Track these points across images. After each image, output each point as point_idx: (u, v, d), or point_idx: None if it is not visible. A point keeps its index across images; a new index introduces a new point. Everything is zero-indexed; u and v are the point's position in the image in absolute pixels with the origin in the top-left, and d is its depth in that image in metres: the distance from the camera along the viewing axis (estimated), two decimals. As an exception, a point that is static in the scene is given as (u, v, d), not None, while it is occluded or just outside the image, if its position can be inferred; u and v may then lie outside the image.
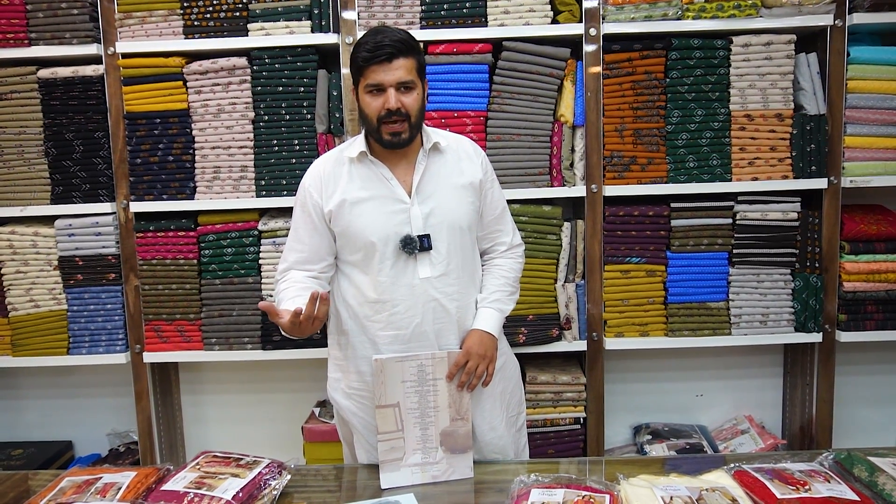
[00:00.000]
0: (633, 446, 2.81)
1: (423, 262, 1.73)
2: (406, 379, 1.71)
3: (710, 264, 2.48)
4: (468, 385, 1.75)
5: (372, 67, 1.63)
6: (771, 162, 2.44)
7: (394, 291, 1.74)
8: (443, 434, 1.73)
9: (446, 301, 1.76)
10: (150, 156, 2.49)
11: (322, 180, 1.76)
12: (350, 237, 1.74)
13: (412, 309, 1.74)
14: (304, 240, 1.78)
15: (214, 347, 2.55)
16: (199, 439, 2.88)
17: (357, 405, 1.84)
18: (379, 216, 1.72)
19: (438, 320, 1.76)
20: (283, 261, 1.83)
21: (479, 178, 1.81)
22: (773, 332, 2.51)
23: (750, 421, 2.78)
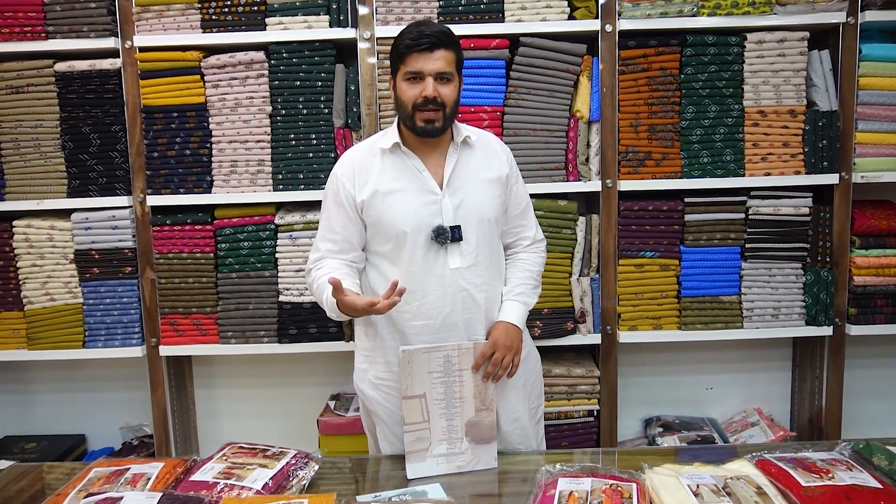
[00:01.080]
0: (645, 439, 2.84)
1: (454, 253, 1.76)
2: (433, 370, 1.73)
3: (722, 258, 2.51)
4: (493, 376, 1.77)
5: (413, 55, 1.67)
6: (783, 157, 2.47)
7: (425, 281, 1.76)
8: (468, 424, 1.75)
9: (475, 291, 1.79)
10: (167, 150, 2.49)
11: (354, 170, 1.77)
12: (382, 227, 1.75)
13: (442, 299, 1.77)
14: (337, 229, 1.79)
15: (231, 341, 2.56)
16: (213, 433, 2.89)
17: (384, 396, 1.86)
18: (411, 206, 1.74)
19: (468, 310, 1.79)
20: (314, 250, 1.84)
21: (506, 172, 1.85)
22: (785, 326, 2.54)
23: (759, 413, 2.81)
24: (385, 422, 1.88)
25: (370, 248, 1.83)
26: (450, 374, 1.74)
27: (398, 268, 1.77)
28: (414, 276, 1.76)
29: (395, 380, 1.81)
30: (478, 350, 1.75)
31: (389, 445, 1.89)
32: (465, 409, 1.75)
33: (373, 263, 1.84)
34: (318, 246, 1.82)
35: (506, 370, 1.80)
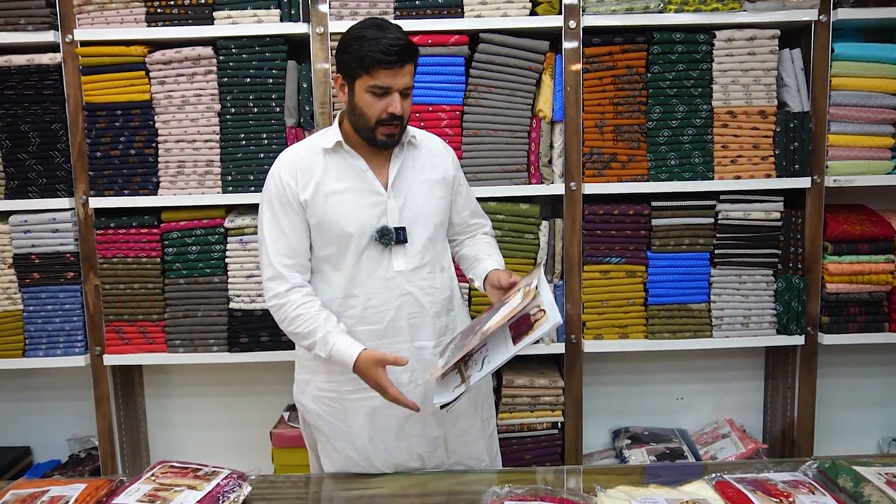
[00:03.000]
0: (613, 451, 2.74)
1: (398, 255, 1.71)
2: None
3: (691, 265, 2.42)
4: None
5: (381, 70, 1.58)
6: (754, 160, 2.38)
7: (367, 285, 1.70)
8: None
9: (420, 295, 1.74)
10: (111, 149, 2.38)
11: (297, 168, 1.68)
12: (325, 228, 1.68)
13: (386, 303, 1.71)
14: (290, 236, 1.68)
15: (179, 349, 2.45)
16: (165, 444, 2.78)
17: (325, 408, 1.76)
18: (355, 207, 1.68)
19: (413, 315, 1.74)
20: (268, 270, 1.68)
21: (452, 174, 1.81)
22: (755, 335, 2.45)
23: (731, 425, 2.72)
24: (327, 436, 1.78)
25: (312, 252, 1.74)
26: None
27: (340, 272, 1.71)
28: (357, 280, 1.70)
29: (338, 391, 1.73)
30: (503, 279, 1.68)
31: (331, 462, 1.79)
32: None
33: (313, 269, 1.75)
34: (272, 262, 1.67)
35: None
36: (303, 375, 1.80)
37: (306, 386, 1.78)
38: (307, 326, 1.65)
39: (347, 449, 1.76)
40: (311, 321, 1.65)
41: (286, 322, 1.69)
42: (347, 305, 1.70)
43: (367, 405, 1.74)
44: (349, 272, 1.69)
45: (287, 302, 1.67)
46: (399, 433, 1.76)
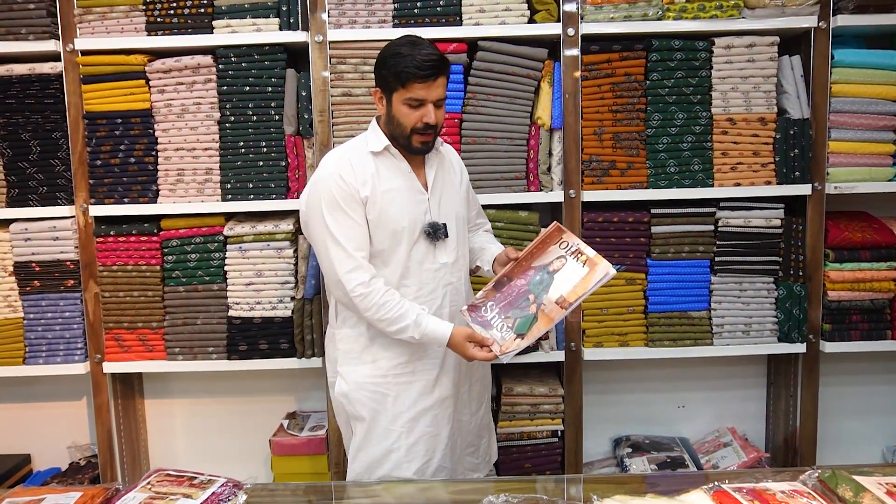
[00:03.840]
0: (613, 459, 2.73)
1: (441, 249, 1.86)
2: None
3: (691, 272, 2.41)
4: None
5: (416, 83, 1.72)
6: (754, 167, 2.37)
7: (419, 275, 1.84)
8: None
9: (459, 285, 1.91)
10: (111, 157, 2.39)
11: (353, 167, 1.78)
12: (382, 223, 1.79)
13: (434, 292, 1.86)
14: (360, 229, 1.78)
15: (178, 357, 2.45)
16: (164, 452, 2.77)
17: (369, 395, 1.86)
18: (406, 204, 1.82)
19: (454, 303, 1.90)
20: (346, 263, 1.77)
21: (466, 177, 2.01)
22: (757, 343, 2.43)
23: (733, 433, 2.70)
24: (366, 426, 1.87)
25: None
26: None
27: (390, 267, 1.82)
28: (409, 271, 1.84)
29: (382, 376, 1.85)
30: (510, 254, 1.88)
31: (359, 464, 1.88)
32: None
33: None
34: (352, 254, 1.77)
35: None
36: (346, 367, 1.89)
37: (351, 375, 1.88)
38: (396, 311, 1.76)
39: (381, 438, 1.85)
40: (399, 306, 1.77)
41: (374, 308, 1.76)
42: (401, 293, 1.81)
43: (413, 389, 1.86)
44: (402, 265, 1.82)
45: (373, 290, 1.76)
46: (432, 418, 1.88)
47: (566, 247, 1.82)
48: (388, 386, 1.86)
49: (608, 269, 1.74)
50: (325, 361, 2.05)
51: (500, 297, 1.81)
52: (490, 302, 1.82)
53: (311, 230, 1.84)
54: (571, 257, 1.79)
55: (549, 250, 1.83)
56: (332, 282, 1.80)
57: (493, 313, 1.80)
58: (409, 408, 1.86)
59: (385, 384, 1.86)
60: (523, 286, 1.80)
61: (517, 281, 1.81)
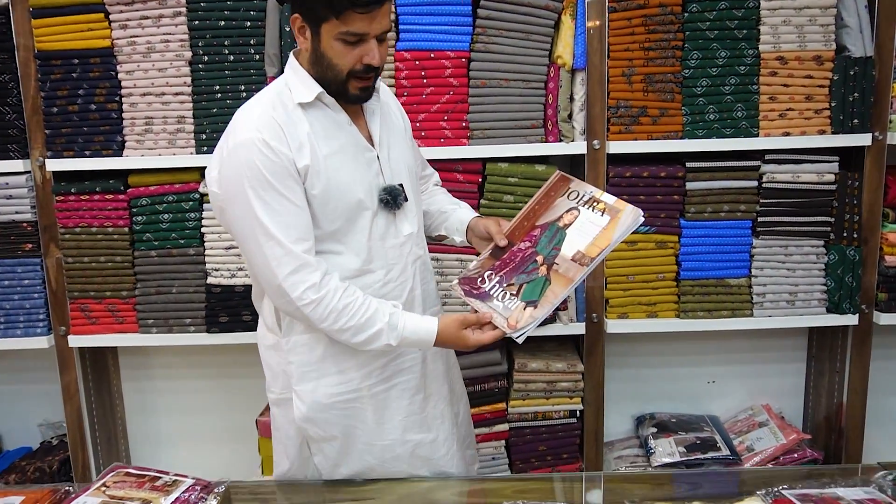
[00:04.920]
0: (636, 439, 2.48)
1: (402, 218, 1.50)
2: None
3: (730, 234, 2.13)
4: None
5: (355, 14, 1.29)
6: (806, 114, 2.06)
7: (384, 254, 1.47)
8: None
9: (426, 258, 1.59)
10: (69, 104, 2.09)
11: (282, 129, 1.34)
12: (331, 198, 1.39)
13: (404, 272, 1.50)
14: (300, 215, 1.35)
15: (151, 330, 2.19)
16: (144, 432, 2.54)
17: (340, 413, 1.49)
18: (357, 168, 1.42)
19: (425, 280, 1.58)
20: (287, 262, 1.34)
21: (407, 121, 1.63)
22: (802, 314, 2.16)
23: (768, 411, 2.45)
24: (339, 444, 1.51)
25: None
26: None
27: (349, 251, 1.43)
28: (373, 252, 1.45)
29: (355, 389, 1.48)
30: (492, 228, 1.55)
31: (359, 460, 1.52)
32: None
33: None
34: (293, 250, 1.33)
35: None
36: (304, 385, 1.47)
37: (312, 394, 1.47)
38: (362, 314, 1.37)
39: (363, 453, 1.52)
40: (365, 308, 1.38)
41: (332, 317, 1.36)
42: (363, 285, 1.43)
43: (397, 394, 1.52)
44: (363, 245, 1.43)
45: (327, 293, 1.35)
46: (414, 422, 1.55)
47: (577, 197, 1.49)
48: (363, 400, 1.48)
49: (635, 213, 1.40)
50: (267, 373, 1.57)
51: (500, 264, 1.49)
52: (487, 271, 1.49)
53: (230, 220, 1.37)
54: (586, 207, 1.47)
55: (555, 204, 1.51)
56: (271, 288, 1.38)
57: (493, 283, 1.47)
58: (396, 419, 1.51)
59: (360, 399, 1.48)
60: (528, 249, 1.48)
61: (520, 244, 1.49)
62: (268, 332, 1.52)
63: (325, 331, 1.38)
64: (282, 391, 1.52)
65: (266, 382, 1.57)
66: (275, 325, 1.49)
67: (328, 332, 1.38)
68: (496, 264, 1.49)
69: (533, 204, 1.54)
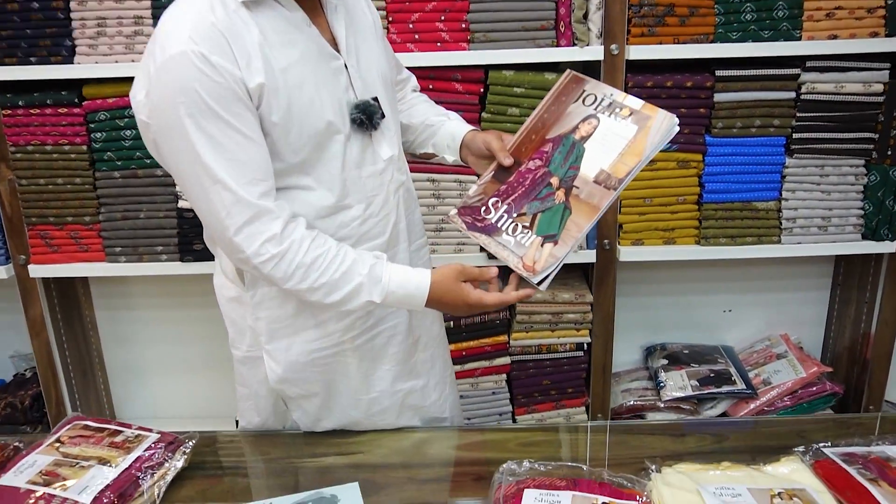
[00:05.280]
0: (645, 370, 2.34)
1: (380, 139, 1.24)
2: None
3: (761, 152, 1.90)
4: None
5: None
6: (857, 13, 1.79)
7: (362, 186, 1.21)
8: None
9: (410, 184, 1.36)
10: (7, 1, 1.81)
11: (226, 39, 1.03)
12: (295, 124, 1.10)
13: (386, 205, 1.26)
14: (252, 148, 1.07)
15: (120, 258, 2.00)
16: (123, 363, 2.39)
17: (321, 369, 1.30)
18: (323, 82, 1.14)
19: (410, 210, 1.35)
20: (239, 211, 1.07)
21: (376, 17, 1.33)
22: (835, 241, 1.97)
23: (786, 342, 2.30)
24: (320, 400, 1.34)
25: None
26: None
27: (321, 181, 1.17)
28: (348, 184, 1.20)
29: (337, 343, 1.28)
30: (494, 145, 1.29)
31: (341, 415, 1.36)
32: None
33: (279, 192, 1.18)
34: (244, 196, 1.06)
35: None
36: (277, 343, 1.27)
37: (286, 353, 1.27)
38: (337, 269, 1.13)
39: (347, 409, 1.35)
40: (340, 259, 1.14)
41: (300, 274, 1.12)
42: (339, 224, 1.20)
43: (375, 343, 1.32)
44: (336, 177, 1.17)
45: (291, 245, 1.11)
46: (403, 370, 1.37)
47: (595, 102, 1.23)
48: (346, 354, 1.29)
49: (670, 120, 1.16)
50: (230, 328, 1.35)
51: (507, 189, 1.25)
52: (492, 198, 1.25)
53: (165, 157, 1.10)
54: (606, 115, 1.21)
55: (568, 112, 1.24)
56: (222, 242, 1.13)
57: (500, 212, 1.23)
58: (382, 368, 1.33)
59: (342, 352, 1.29)
60: (539, 168, 1.24)
61: (528, 164, 1.25)
62: (228, 282, 1.30)
63: (291, 291, 1.14)
64: (249, 349, 1.32)
65: (229, 338, 1.37)
66: (236, 275, 1.27)
67: (295, 292, 1.14)
68: (501, 189, 1.25)
69: (541, 112, 1.27)
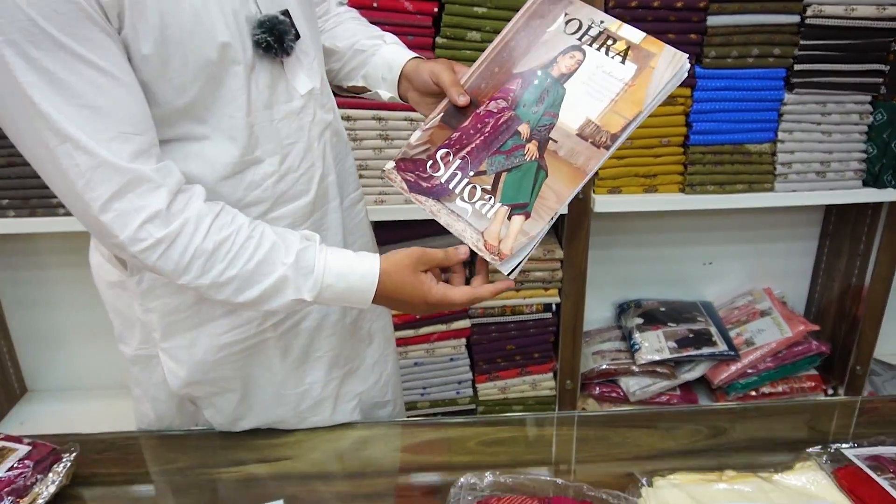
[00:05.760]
0: (617, 329, 2.14)
1: (294, 67, 0.92)
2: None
3: (758, 86, 1.66)
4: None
5: None
6: (875, -81, 1.54)
7: (276, 132, 0.91)
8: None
9: (338, 125, 1.05)
10: None
11: None
12: (174, 52, 0.79)
13: (309, 154, 0.96)
14: (119, 80, 0.75)
15: (8, 213, 1.69)
16: (30, 328, 2.09)
17: (234, 364, 1.02)
18: None
19: (340, 158, 1.05)
20: (110, 176, 0.76)
21: None
22: (832, 188, 1.76)
23: (770, 296, 2.12)
24: (237, 397, 1.07)
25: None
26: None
27: (220, 130, 0.86)
28: (255, 131, 0.89)
29: (256, 332, 1.01)
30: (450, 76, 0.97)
31: (264, 413, 1.10)
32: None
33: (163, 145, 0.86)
34: (106, 157, 0.75)
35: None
36: (176, 340, 0.99)
37: (189, 351, 0.99)
38: (251, 257, 0.83)
39: (271, 407, 1.09)
40: (254, 244, 0.84)
41: (198, 264, 0.82)
42: (248, 185, 0.91)
43: (304, 328, 1.05)
44: (240, 121, 0.86)
45: (183, 226, 0.80)
46: (340, 355, 1.11)
47: (578, 29, 0.93)
48: (269, 343, 1.02)
49: (679, 58, 0.89)
50: (114, 319, 1.06)
51: (461, 137, 0.95)
52: (441, 149, 0.95)
53: None
54: (594, 48, 0.92)
55: (543, 40, 0.95)
56: (87, 223, 0.81)
57: (451, 169, 0.93)
58: (315, 356, 1.07)
59: (264, 342, 1.02)
60: (504, 111, 0.94)
61: (489, 105, 0.95)
62: (106, 262, 1.00)
63: (189, 287, 0.84)
64: (141, 346, 1.04)
65: (115, 331, 1.08)
66: (113, 256, 0.97)
67: (195, 288, 0.84)
68: (454, 137, 0.95)
69: (507, 37, 0.96)
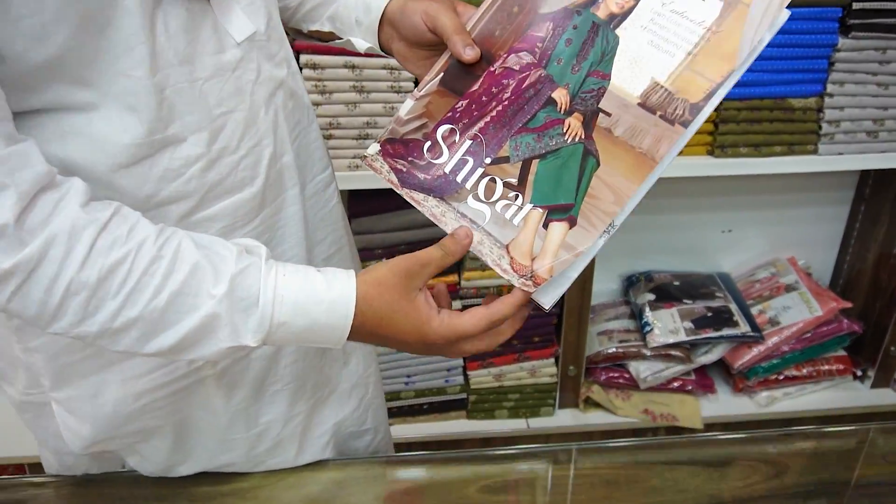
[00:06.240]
0: (626, 305, 1.92)
1: (224, 4, 0.66)
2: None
3: (808, 29, 1.39)
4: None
5: None
6: None
7: (202, 96, 0.64)
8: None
9: (296, 82, 0.77)
10: None
11: None
12: None
13: (253, 125, 0.69)
14: None
15: None
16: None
17: (163, 408, 0.76)
18: None
19: (300, 130, 0.77)
20: None
21: None
22: (885, 150, 1.52)
23: (794, 267, 1.90)
24: (170, 442, 0.81)
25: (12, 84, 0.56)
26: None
27: (113, 96, 0.58)
28: (176, 97, 0.62)
29: (181, 372, 0.73)
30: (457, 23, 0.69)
31: (209, 458, 0.84)
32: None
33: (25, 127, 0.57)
34: None
35: None
36: (72, 390, 0.72)
37: (93, 402, 0.73)
38: (159, 287, 0.56)
39: (215, 452, 0.83)
40: (160, 266, 0.56)
41: (77, 304, 0.54)
42: (162, 175, 0.64)
43: (253, 358, 0.78)
44: (143, 83, 0.59)
45: (48, 246, 0.52)
46: (305, 384, 0.85)
47: None
48: (207, 383, 0.75)
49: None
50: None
51: (469, 107, 0.68)
52: (442, 125, 0.69)
53: None
54: None
55: None
56: None
57: (458, 155, 0.67)
58: (271, 389, 0.81)
59: (200, 382, 0.75)
60: (529, 69, 0.67)
61: (507, 60, 0.68)
62: None
63: (67, 336, 0.57)
64: (28, 391, 0.77)
65: None
66: None
67: (76, 338, 0.57)
68: (460, 109, 0.68)
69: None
